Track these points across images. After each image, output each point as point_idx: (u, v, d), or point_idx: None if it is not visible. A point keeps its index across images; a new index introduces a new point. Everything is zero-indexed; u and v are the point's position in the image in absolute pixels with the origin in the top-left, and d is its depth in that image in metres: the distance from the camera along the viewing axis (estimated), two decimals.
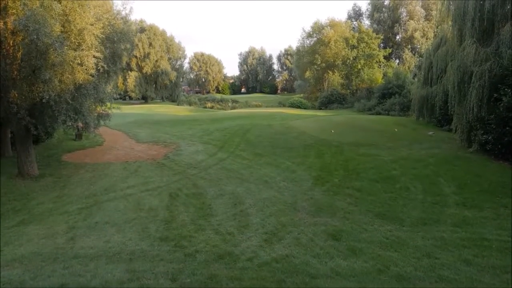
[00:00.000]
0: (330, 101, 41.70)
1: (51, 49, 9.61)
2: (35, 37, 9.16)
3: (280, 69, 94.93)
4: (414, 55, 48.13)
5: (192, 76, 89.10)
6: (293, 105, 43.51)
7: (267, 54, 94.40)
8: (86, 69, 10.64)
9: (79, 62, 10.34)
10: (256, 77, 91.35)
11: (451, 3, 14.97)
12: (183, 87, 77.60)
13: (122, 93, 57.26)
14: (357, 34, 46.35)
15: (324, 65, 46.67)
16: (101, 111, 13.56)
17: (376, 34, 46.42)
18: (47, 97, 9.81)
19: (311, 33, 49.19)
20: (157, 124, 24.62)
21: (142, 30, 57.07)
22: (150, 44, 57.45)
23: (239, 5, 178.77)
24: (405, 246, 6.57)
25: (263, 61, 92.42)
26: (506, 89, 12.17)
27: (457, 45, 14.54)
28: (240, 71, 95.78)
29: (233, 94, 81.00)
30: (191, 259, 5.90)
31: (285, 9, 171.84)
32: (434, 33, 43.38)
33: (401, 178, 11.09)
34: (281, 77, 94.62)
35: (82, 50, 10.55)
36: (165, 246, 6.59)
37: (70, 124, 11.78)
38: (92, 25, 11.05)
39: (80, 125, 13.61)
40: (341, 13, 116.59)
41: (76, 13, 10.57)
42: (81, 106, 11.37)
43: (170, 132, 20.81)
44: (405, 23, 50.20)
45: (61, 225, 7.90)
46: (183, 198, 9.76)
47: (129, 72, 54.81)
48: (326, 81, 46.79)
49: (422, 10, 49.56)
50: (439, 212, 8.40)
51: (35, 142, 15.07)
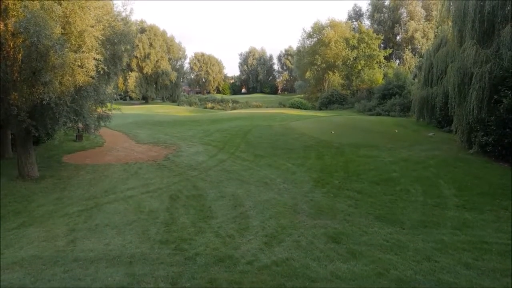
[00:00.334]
0: (330, 102, 41.73)
1: (52, 51, 9.61)
2: (35, 39, 9.17)
3: (280, 69, 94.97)
4: (415, 55, 48.12)
5: (192, 77, 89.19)
6: (293, 106, 43.51)
7: (268, 54, 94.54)
8: (86, 71, 10.62)
9: (80, 64, 10.32)
10: (257, 77, 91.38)
11: (451, 4, 14.96)
12: (183, 88, 77.68)
13: (122, 93, 57.31)
14: (357, 35, 46.39)
15: (324, 65, 46.72)
16: (102, 112, 13.57)
17: (377, 35, 46.43)
18: (47, 98, 9.81)
19: (312, 33, 49.23)
20: (157, 125, 24.63)
21: (143, 30, 57.09)
22: (151, 45, 57.52)
23: (239, 5, 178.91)
24: (405, 249, 6.56)
25: (264, 61, 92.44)
26: (506, 91, 12.18)
27: (458, 46, 14.54)
28: (241, 71, 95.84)
29: (233, 94, 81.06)
30: (191, 262, 5.89)
31: (285, 9, 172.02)
32: (434, 33, 43.35)
33: (401, 180, 11.10)
34: (281, 78, 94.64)
35: (83, 52, 10.55)
36: (165, 249, 6.57)
37: (71, 125, 11.79)
38: (92, 26, 11.05)
39: (81, 126, 13.61)
40: (341, 14, 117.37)
41: (76, 15, 10.55)
42: (81, 108, 11.36)
43: (171, 133, 20.83)
44: (405, 24, 50.25)
45: (62, 228, 7.90)
46: (183, 200, 9.75)
47: (130, 73, 54.83)
48: (326, 81, 46.82)
49: (423, 10, 49.60)
50: (439, 214, 8.40)
51: (36, 143, 15.09)
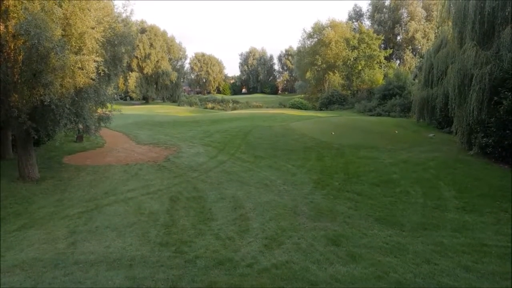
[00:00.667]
0: (330, 102, 41.72)
1: (52, 53, 9.62)
2: (36, 41, 9.18)
3: (280, 69, 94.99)
4: (415, 56, 48.09)
5: (193, 77, 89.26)
6: (293, 106, 43.48)
7: (268, 54, 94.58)
8: (87, 73, 10.62)
9: (80, 66, 10.33)
10: (257, 77, 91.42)
11: (451, 5, 14.96)
12: (184, 88, 77.72)
13: (123, 94, 57.33)
14: (357, 35, 46.39)
15: (324, 65, 46.72)
16: (102, 113, 13.59)
17: (377, 35, 46.42)
18: (48, 100, 9.83)
19: (312, 33, 49.23)
20: (157, 126, 24.66)
21: (143, 30, 57.15)
22: (151, 45, 57.58)
23: (239, 5, 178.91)
24: (404, 251, 6.57)
25: (264, 62, 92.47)
26: (506, 92, 12.18)
27: (458, 47, 14.54)
28: (241, 71, 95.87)
29: (233, 95, 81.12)
30: (191, 265, 5.90)
31: (285, 9, 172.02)
32: (435, 34, 43.32)
33: (401, 182, 11.11)
34: (281, 78, 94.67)
35: (83, 54, 10.56)
36: (165, 251, 6.59)
37: (71, 127, 11.80)
38: (93, 28, 11.05)
39: (81, 127, 13.64)
40: (341, 14, 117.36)
41: (77, 16, 10.56)
42: (82, 109, 11.37)
43: (171, 134, 20.85)
44: (406, 24, 50.20)
45: (62, 230, 7.91)
46: (183, 202, 9.76)
47: (130, 73, 54.89)
48: (326, 81, 46.80)
49: (423, 10, 49.55)
50: (439, 216, 8.40)
51: (36, 144, 15.09)
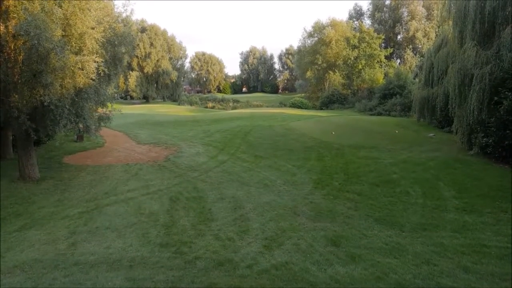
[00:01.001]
0: (331, 101, 41.72)
1: (52, 54, 9.61)
2: (36, 42, 9.17)
3: (281, 68, 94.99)
4: (416, 55, 48.00)
5: (193, 76, 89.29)
6: (294, 105, 43.49)
7: (268, 53, 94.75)
8: (87, 73, 10.60)
9: (80, 66, 10.32)
10: (257, 76, 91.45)
11: (451, 4, 14.93)
12: (184, 87, 77.70)
13: (123, 93, 57.35)
14: (358, 34, 46.29)
15: (325, 65, 46.67)
16: (102, 113, 13.59)
17: (377, 34, 46.34)
18: (48, 100, 9.83)
19: (312, 33, 49.17)
20: (158, 125, 24.67)
21: (143, 30, 57.12)
22: (151, 44, 57.53)
23: (240, 5, 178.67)
24: (404, 252, 6.57)
25: (264, 61, 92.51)
26: (506, 92, 12.15)
27: (458, 47, 14.52)
28: (241, 70, 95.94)
29: (234, 94, 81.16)
30: (191, 266, 5.92)
31: (286, 9, 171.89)
32: (435, 33, 43.25)
33: (401, 182, 11.10)
34: (282, 77, 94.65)
35: (84, 55, 10.55)
36: (165, 252, 6.60)
37: (71, 127, 11.81)
38: (93, 28, 11.05)
39: (81, 127, 13.65)
40: (342, 13, 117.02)
41: (77, 17, 10.54)
42: (82, 109, 11.37)
43: (171, 133, 20.87)
44: (406, 23, 50.12)
45: (62, 230, 7.92)
46: (183, 202, 9.77)
47: (130, 72, 54.89)
48: (327, 81, 46.74)
49: (424, 10, 49.46)
50: (438, 217, 8.40)
51: (36, 143, 15.11)
